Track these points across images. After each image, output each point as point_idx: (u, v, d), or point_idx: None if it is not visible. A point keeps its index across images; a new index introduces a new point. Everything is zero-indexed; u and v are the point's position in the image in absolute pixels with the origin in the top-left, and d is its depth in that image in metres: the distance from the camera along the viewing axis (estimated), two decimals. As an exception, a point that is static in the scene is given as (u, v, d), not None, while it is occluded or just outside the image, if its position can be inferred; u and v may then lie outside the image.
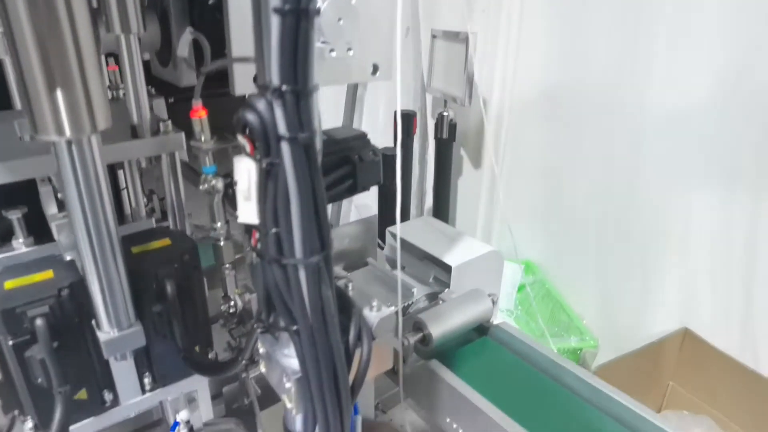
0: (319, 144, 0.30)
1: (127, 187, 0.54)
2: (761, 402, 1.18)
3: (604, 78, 1.39)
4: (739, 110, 1.16)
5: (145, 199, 0.58)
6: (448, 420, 0.61)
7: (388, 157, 1.22)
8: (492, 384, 0.61)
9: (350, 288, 0.39)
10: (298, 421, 0.38)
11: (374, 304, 0.37)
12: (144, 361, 0.43)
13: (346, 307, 0.36)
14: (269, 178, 0.29)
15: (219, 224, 0.45)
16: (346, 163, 0.43)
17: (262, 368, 0.38)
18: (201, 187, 0.44)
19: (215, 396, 0.65)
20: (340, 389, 0.34)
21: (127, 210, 0.56)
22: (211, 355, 0.47)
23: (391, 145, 1.40)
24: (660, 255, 1.34)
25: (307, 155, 0.29)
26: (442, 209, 1.74)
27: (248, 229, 0.32)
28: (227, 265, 0.47)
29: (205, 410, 0.50)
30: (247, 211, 0.31)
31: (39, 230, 0.44)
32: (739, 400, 1.23)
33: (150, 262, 0.41)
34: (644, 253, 1.37)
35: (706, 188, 1.24)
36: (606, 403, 0.59)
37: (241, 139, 0.30)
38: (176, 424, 0.47)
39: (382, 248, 0.97)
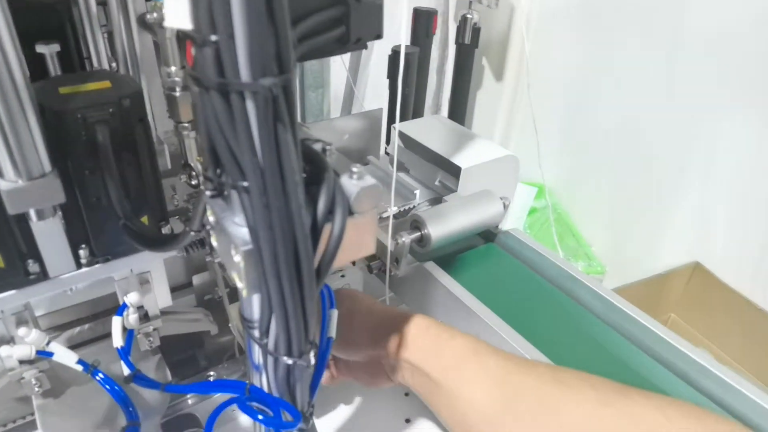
0: None
1: (85, 34, 0.45)
2: (764, 340, 1.14)
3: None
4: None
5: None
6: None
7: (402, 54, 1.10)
8: (492, 291, 0.54)
9: (329, 153, 0.30)
10: (253, 307, 0.31)
11: (355, 170, 0.28)
12: (79, 229, 0.36)
13: (317, 169, 0.28)
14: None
15: (173, 68, 0.36)
16: (337, 2, 0.33)
17: (213, 241, 0.30)
18: (148, 17, 0.34)
19: (184, 286, 0.58)
20: (302, 268, 0.26)
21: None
22: (166, 230, 0.39)
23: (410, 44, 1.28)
24: (679, 186, 1.27)
25: None
26: (457, 122, 1.62)
27: (182, 40, 0.23)
28: (185, 124, 0.38)
29: (162, 295, 0.44)
30: (176, 10, 0.22)
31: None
32: (741, 337, 1.20)
33: (77, 102, 0.32)
34: (663, 182, 1.29)
35: (737, 118, 1.14)
36: (620, 320, 0.52)
37: None
38: (124, 306, 0.41)
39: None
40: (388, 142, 0.91)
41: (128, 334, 0.43)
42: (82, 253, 0.37)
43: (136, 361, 0.47)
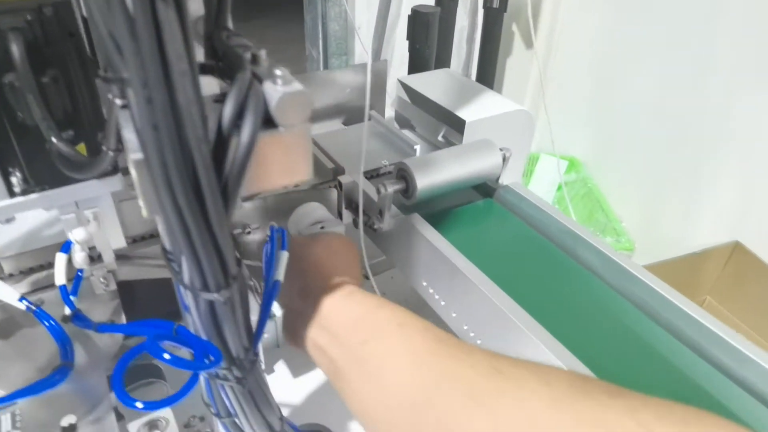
0: None
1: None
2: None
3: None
4: None
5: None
6: (424, 284, 0.50)
7: (422, 14, 1.04)
8: (483, 249, 0.49)
9: (259, 59, 0.26)
10: (162, 233, 0.27)
11: (279, 73, 0.24)
12: (7, 152, 0.33)
13: (228, 64, 0.24)
14: None
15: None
16: None
17: (127, 161, 0.26)
18: None
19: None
20: (200, 182, 0.22)
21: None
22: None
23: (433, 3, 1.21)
24: (718, 161, 1.18)
25: None
26: (484, 89, 1.55)
27: None
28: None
29: (114, 235, 0.41)
30: None
31: None
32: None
33: (-11, 6, 0.29)
34: (700, 156, 1.20)
35: None
36: (627, 284, 0.46)
37: None
38: (68, 243, 0.38)
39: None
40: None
41: (77, 274, 0.40)
42: (14, 180, 0.34)
43: (92, 305, 0.45)
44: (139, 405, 0.26)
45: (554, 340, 0.39)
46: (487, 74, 1.50)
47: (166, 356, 0.26)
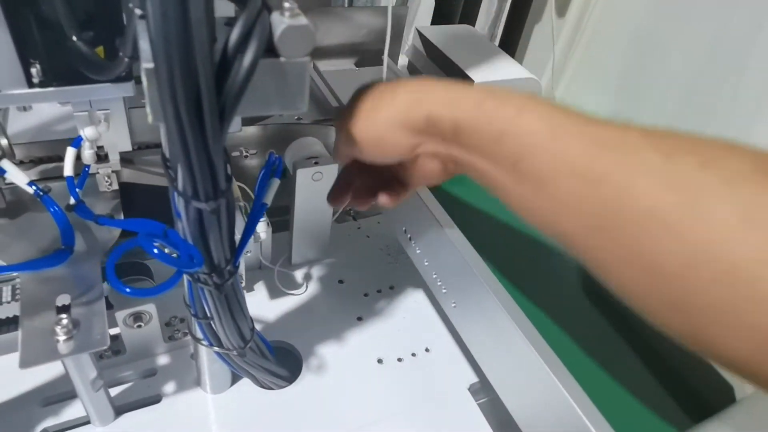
0: None
1: None
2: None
3: None
4: None
5: None
6: (404, 230, 0.53)
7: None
8: (466, 210, 0.52)
9: (275, -7, 0.27)
10: (163, 141, 0.30)
11: (288, 5, 0.26)
12: (30, 43, 0.35)
13: (244, -3, 0.25)
14: None
15: None
16: None
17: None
18: None
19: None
20: (202, 95, 0.25)
21: None
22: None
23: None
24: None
25: None
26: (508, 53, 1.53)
27: None
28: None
29: (121, 138, 0.43)
30: None
31: None
32: None
33: None
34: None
35: None
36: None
37: None
38: (79, 139, 0.41)
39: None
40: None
41: (84, 169, 0.43)
42: (33, 71, 0.36)
43: (95, 201, 0.48)
44: (127, 290, 0.30)
45: (514, 303, 0.42)
46: (513, 37, 1.48)
47: (155, 251, 0.29)
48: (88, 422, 0.48)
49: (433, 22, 1.11)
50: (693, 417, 0.41)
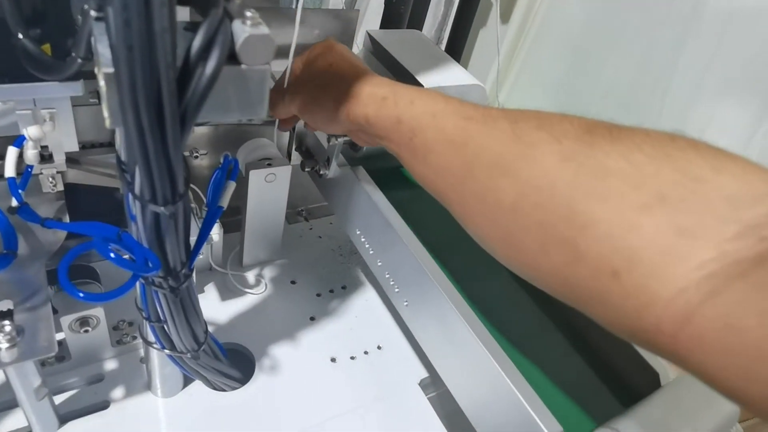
0: None
1: None
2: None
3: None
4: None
5: None
6: (357, 232, 0.54)
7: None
8: (416, 210, 0.53)
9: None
10: (120, 145, 0.29)
11: (249, 14, 0.26)
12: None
13: (205, 5, 0.26)
14: None
15: None
16: None
17: (96, 70, 0.28)
18: None
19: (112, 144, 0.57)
20: (163, 102, 0.25)
21: None
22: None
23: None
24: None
25: None
26: (454, 59, 1.57)
27: None
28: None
29: (67, 138, 0.42)
30: None
31: None
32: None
33: None
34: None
35: (736, 105, 1.12)
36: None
37: None
38: (22, 138, 0.39)
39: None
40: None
41: (26, 169, 0.42)
42: (-28, 68, 0.35)
43: (38, 202, 0.46)
44: (81, 295, 0.29)
45: (463, 302, 0.44)
46: (458, 42, 1.52)
47: (112, 255, 0.29)
48: (29, 432, 0.46)
49: (382, 26, 1.13)
50: (623, 402, 0.44)
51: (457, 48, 1.50)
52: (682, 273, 0.24)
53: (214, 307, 0.59)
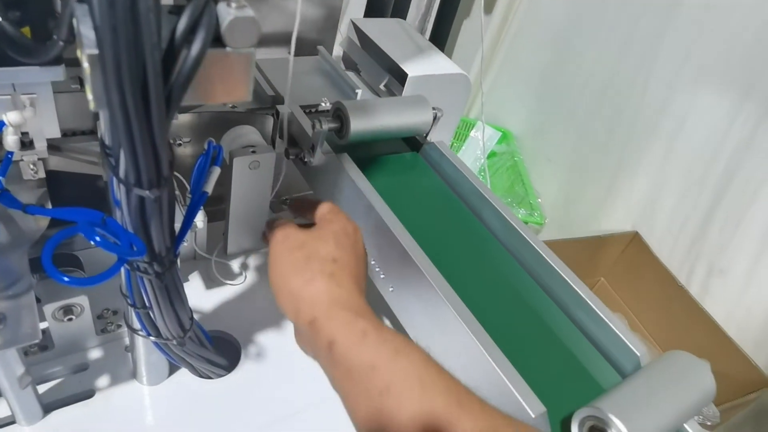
0: None
1: None
2: (678, 316, 1.20)
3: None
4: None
5: None
6: (342, 219, 0.54)
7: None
8: (401, 196, 0.54)
9: (217, -18, 0.28)
10: (104, 129, 0.29)
11: (235, -5, 0.26)
12: (-53, 21, 0.33)
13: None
14: None
15: None
16: None
17: (78, 53, 0.28)
18: None
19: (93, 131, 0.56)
20: (149, 84, 0.25)
21: None
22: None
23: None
24: (640, 156, 1.28)
25: None
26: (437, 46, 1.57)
27: None
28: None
29: (48, 124, 0.41)
30: None
31: None
32: (658, 310, 1.25)
33: None
34: (626, 149, 1.30)
35: (714, 93, 1.14)
36: (523, 252, 0.53)
37: None
38: (1, 124, 0.39)
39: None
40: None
41: (6, 156, 0.41)
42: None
43: (19, 189, 0.45)
44: (65, 279, 0.29)
45: (447, 285, 0.45)
46: (442, 32, 1.52)
47: (98, 239, 0.29)
48: (13, 422, 0.46)
49: (366, 15, 1.13)
50: (605, 382, 0.46)
51: (440, 38, 1.50)
52: None
53: (199, 296, 0.59)
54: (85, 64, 0.25)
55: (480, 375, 0.41)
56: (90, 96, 0.26)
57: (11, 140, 0.41)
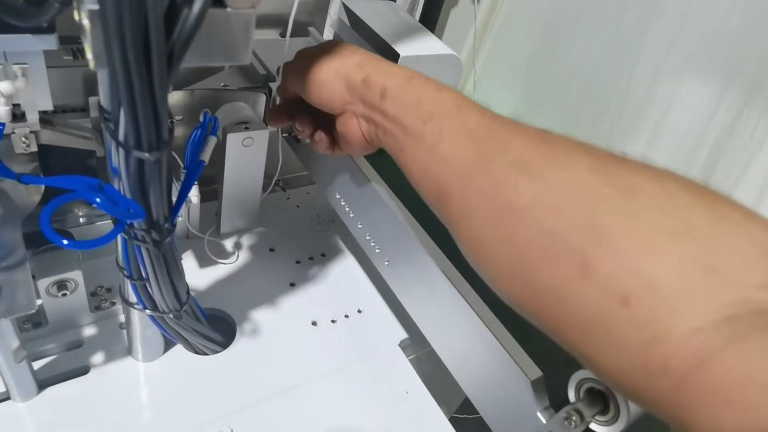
0: None
1: None
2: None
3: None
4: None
5: None
6: (337, 196, 0.54)
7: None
8: (396, 172, 0.54)
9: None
10: (104, 90, 0.29)
11: (233, -42, 0.26)
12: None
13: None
14: None
15: None
16: None
17: (75, 15, 0.28)
18: None
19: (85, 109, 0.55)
20: (150, 42, 0.25)
21: None
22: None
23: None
24: (626, 143, 1.28)
25: None
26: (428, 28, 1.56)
27: None
28: None
29: (41, 95, 0.41)
30: None
31: None
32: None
33: None
34: (612, 137, 1.31)
35: (698, 82, 1.15)
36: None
37: None
38: (-7, 94, 0.38)
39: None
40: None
41: (-2, 127, 0.41)
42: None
43: (11, 163, 0.45)
44: (65, 242, 0.29)
45: (443, 255, 0.45)
46: (432, 14, 1.51)
47: (98, 200, 0.29)
48: (8, 398, 0.46)
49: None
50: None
51: (431, 20, 1.50)
52: (701, 310, 0.22)
53: (194, 274, 0.58)
54: (85, 21, 0.25)
55: (476, 341, 0.42)
56: (90, 55, 0.26)
57: (3, 111, 0.40)
